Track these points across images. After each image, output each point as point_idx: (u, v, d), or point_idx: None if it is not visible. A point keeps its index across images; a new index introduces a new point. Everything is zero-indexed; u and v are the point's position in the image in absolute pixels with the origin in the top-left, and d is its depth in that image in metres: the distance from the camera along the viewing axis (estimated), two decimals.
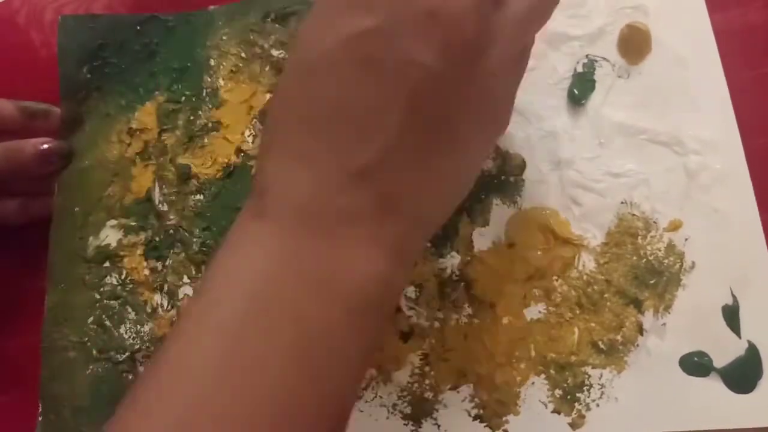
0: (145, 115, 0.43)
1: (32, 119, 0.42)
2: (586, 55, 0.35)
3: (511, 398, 0.32)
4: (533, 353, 0.32)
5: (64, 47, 0.45)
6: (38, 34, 0.48)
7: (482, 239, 0.34)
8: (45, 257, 0.42)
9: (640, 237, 0.32)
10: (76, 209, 0.42)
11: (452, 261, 0.34)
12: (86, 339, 0.40)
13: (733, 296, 0.31)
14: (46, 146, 0.42)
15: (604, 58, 0.35)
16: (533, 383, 0.32)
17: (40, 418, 0.39)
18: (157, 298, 0.39)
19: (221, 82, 0.42)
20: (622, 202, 0.33)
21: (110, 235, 0.41)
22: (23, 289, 0.44)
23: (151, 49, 0.44)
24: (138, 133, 0.43)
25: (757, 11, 0.35)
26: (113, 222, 0.42)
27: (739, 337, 0.31)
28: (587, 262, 0.33)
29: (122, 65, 0.44)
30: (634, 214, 0.33)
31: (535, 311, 0.33)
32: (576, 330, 0.32)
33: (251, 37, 0.42)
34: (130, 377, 0.38)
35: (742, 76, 0.33)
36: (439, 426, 0.33)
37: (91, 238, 0.42)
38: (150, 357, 0.38)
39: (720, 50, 0.34)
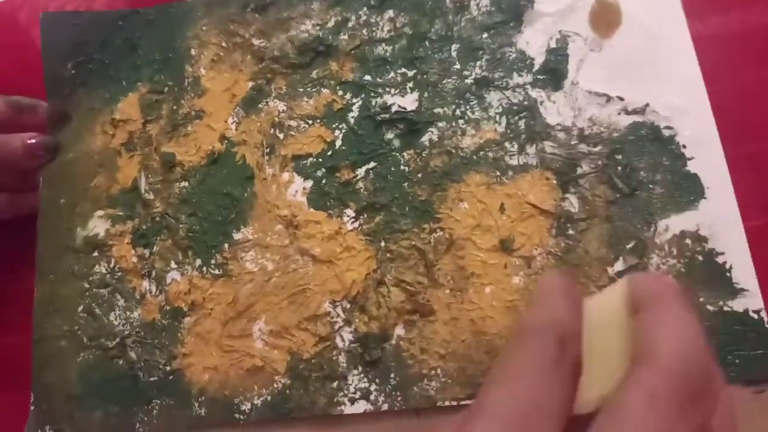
0: (129, 106, 0.43)
1: (19, 113, 0.43)
2: (559, 31, 0.36)
3: None
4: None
5: (47, 44, 0.45)
6: (37, 31, 0.48)
7: (462, 211, 0.35)
8: (34, 256, 0.43)
9: (614, 204, 0.33)
10: (62, 201, 0.43)
11: (434, 235, 0.35)
12: (76, 327, 0.40)
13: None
14: (33, 140, 0.43)
15: (576, 33, 0.36)
16: None
17: (32, 408, 0.40)
18: (145, 284, 0.40)
19: (203, 71, 0.43)
20: (597, 171, 0.34)
21: (98, 225, 0.42)
22: (13, 287, 0.44)
23: (132, 43, 0.45)
24: (122, 123, 0.43)
25: (761, 12, 0.36)
26: (100, 212, 0.42)
27: None
28: (565, 230, 0.34)
29: (105, 60, 0.45)
30: (610, 182, 0.34)
31: (516, 279, 0.34)
32: None
33: (231, 27, 0.43)
34: (121, 362, 0.39)
35: (748, 78, 0.34)
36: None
37: (78, 229, 0.42)
38: (140, 342, 0.39)
39: (723, 52, 0.34)
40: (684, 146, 0.33)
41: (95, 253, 0.41)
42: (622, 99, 0.34)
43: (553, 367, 0.20)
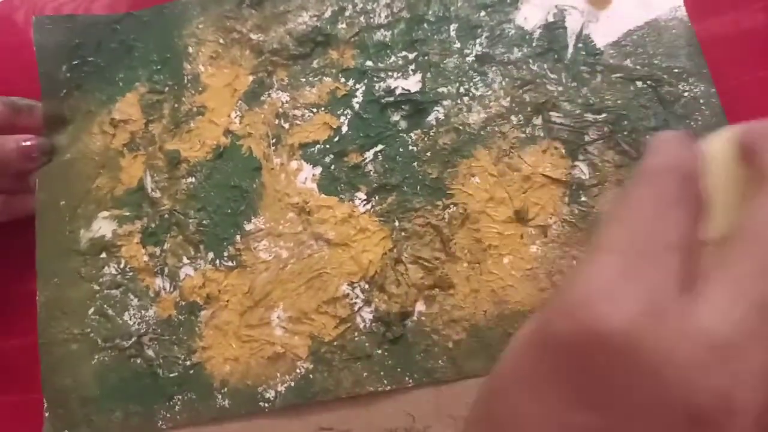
0: (128, 106, 0.43)
1: (17, 114, 0.43)
2: (555, 6, 0.37)
3: None
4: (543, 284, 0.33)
5: (41, 47, 0.45)
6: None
7: (474, 185, 0.36)
8: (34, 257, 0.42)
9: (623, 168, 0.34)
10: (61, 203, 0.43)
11: (448, 211, 0.35)
12: (89, 330, 0.40)
13: None
14: (28, 143, 0.42)
15: (573, 6, 0.37)
16: None
17: (46, 414, 0.39)
18: (158, 281, 0.39)
19: (201, 68, 0.43)
20: (604, 137, 0.35)
21: (103, 227, 0.42)
22: (14, 289, 0.44)
23: (128, 45, 0.45)
24: (122, 124, 0.43)
25: (752, 15, 0.37)
26: (105, 213, 0.42)
27: None
28: (578, 197, 0.34)
29: (101, 63, 0.45)
30: (618, 147, 0.34)
31: (533, 248, 0.34)
32: (575, 262, 0.33)
33: (228, 24, 0.43)
34: (138, 361, 0.38)
35: (740, 81, 0.35)
36: None
37: (82, 231, 0.42)
38: (157, 339, 0.38)
39: (715, 55, 0.35)
40: (686, 107, 0.34)
41: (103, 255, 0.41)
42: (622, 67, 0.35)
43: (671, 201, 0.19)
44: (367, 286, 0.36)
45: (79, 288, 0.41)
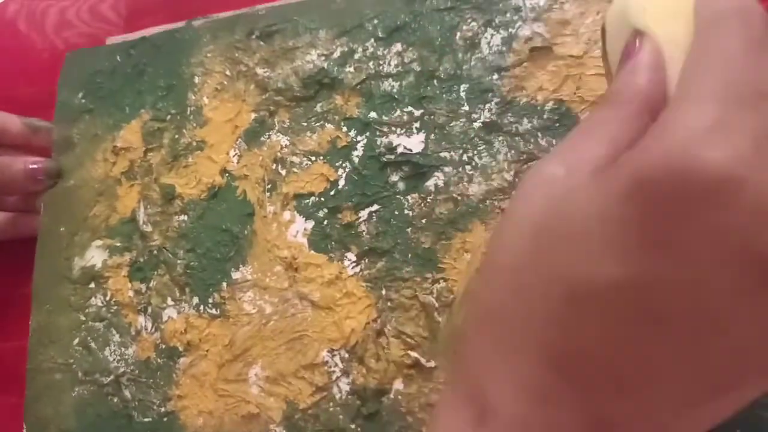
0: (131, 134, 0.43)
1: (35, 134, 0.43)
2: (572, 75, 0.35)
3: None
4: None
5: (65, 78, 0.46)
6: (38, 35, 0.48)
7: (466, 262, 0.34)
8: (32, 259, 0.42)
9: None
10: (61, 229, 0.42)
11: (437, 286, 0.34)
12: (72, 361, 0.40)
13: None
14: (35, 165, 0.42)
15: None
16: None
17: None
18: (141, 320, 0.39)
19: (205, 100, 0.42)
20: None
21: (95, 256, 0.41)
22: (11, 291, 0.44)
23: (139, 69, 0.44)
24: (123, 151, 0.42)
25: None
26: (99, 242, 0.41)
27: None
28: None
29: (113, 88, 0.44)
30: None
31: None
32: None
33: (236, 55, 0.42)
34: (115, 400, 0.38)
35: None
36: None
37: (76, 259, 0.42)
38: (134, 380, 0.38)
39: None
40: None
41: (91, 285, 0.41)
42: None
43: (761, 44, 0.18)
44: (347, 355, 0.34)
45: (68, 317, 0.41)
